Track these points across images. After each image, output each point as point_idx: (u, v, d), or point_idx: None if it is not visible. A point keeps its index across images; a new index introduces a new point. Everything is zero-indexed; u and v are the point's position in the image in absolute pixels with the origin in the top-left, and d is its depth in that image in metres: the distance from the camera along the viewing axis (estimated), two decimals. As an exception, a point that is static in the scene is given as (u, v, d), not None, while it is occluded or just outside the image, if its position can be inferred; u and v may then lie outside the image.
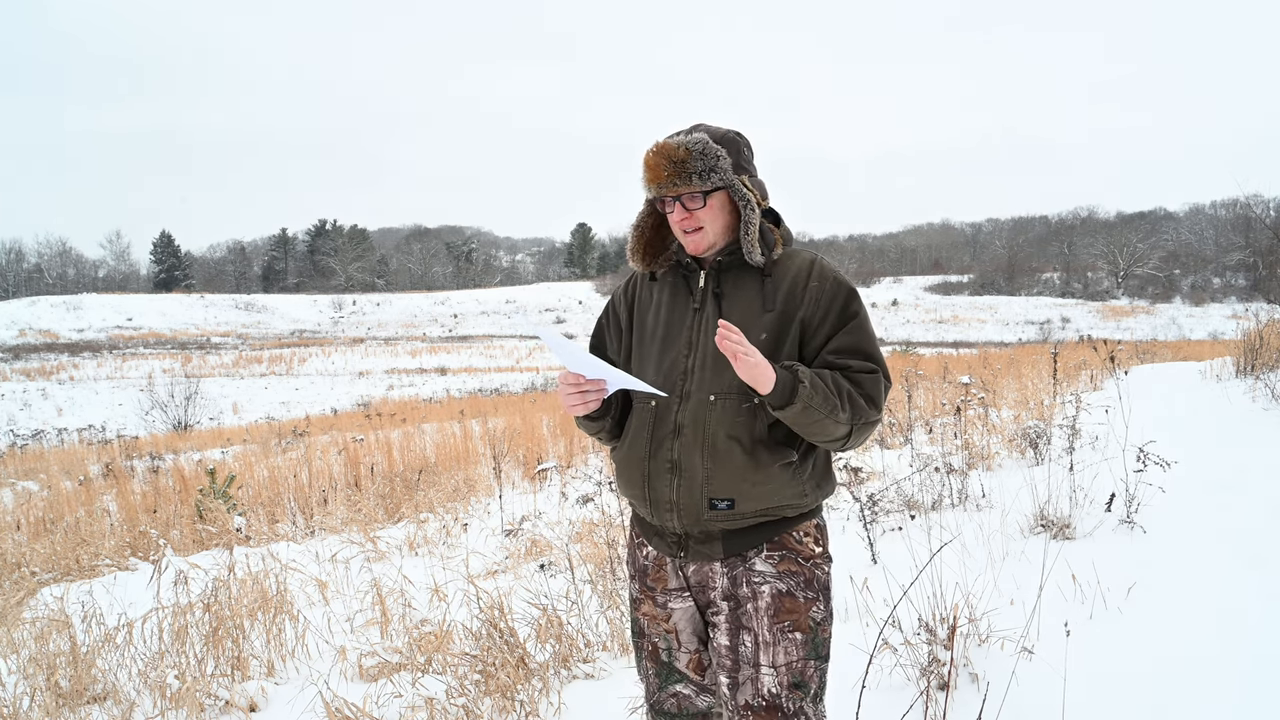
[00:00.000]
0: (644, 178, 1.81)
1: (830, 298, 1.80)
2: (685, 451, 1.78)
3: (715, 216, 1.81)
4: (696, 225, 1.81)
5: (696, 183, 1.76)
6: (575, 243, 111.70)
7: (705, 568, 1.84)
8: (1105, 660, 2.80)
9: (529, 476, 8.55)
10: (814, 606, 1.80)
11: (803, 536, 1.83)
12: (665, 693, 1.97)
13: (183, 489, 8.19)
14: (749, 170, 1.85)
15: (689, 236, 1.82)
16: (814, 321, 1.79)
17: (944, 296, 79.31)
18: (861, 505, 4.28)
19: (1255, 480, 4.53)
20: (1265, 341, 8.10)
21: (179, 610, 3.63)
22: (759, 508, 1.78)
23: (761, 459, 1.75)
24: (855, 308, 1.82)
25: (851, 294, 1.82)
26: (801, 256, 1.86)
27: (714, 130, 1.82)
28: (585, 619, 3.54)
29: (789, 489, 1.78)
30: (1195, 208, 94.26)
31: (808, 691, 1.78)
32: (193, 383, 26.43)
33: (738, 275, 1.85)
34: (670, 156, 1.76)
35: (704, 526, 1.80)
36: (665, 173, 1.76)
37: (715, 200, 1.80)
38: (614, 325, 2.04)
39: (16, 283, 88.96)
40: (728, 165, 1.77)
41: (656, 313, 1.92)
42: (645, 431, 1.85)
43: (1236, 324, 24.08)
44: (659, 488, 1.82)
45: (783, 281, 1.82)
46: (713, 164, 1.76)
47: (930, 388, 10.85)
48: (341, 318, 73.26)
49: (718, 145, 1.77)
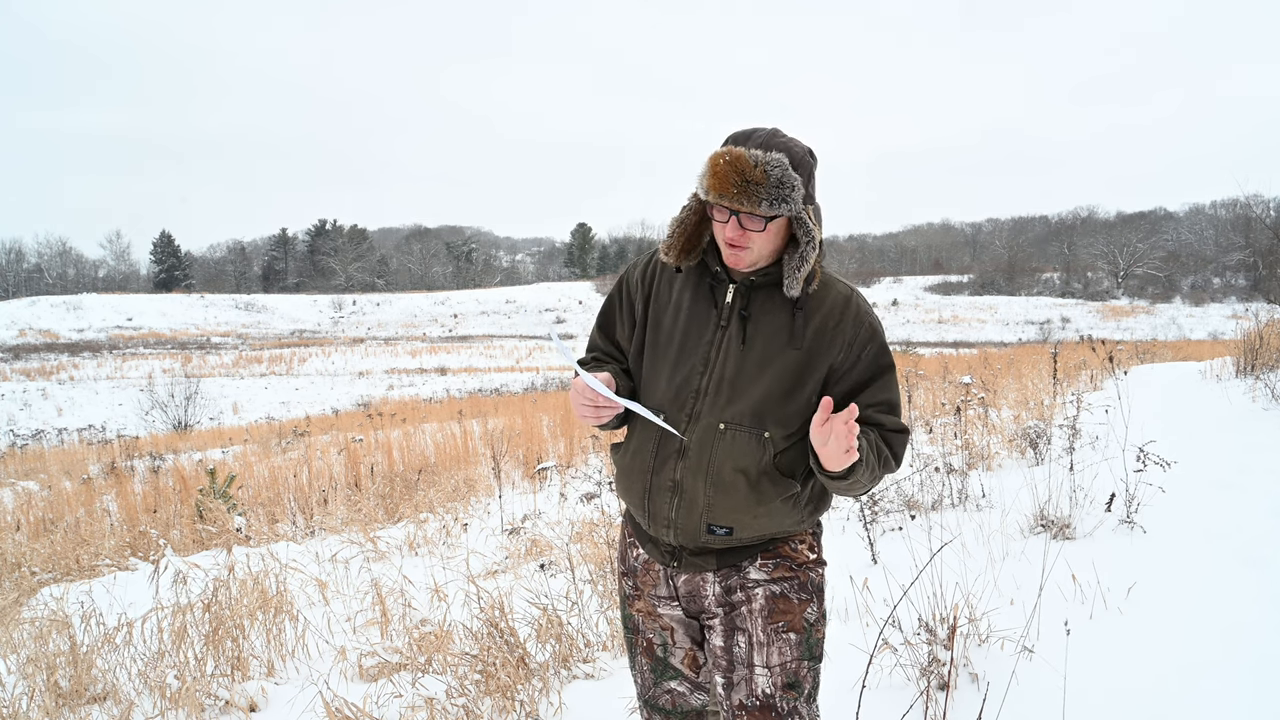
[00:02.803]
0: (705, 180, 1.65)
1: (863, 346, 1.74)
2: (688, 475, 1.74)
3: (769, 241, 1.70)
4: (746, 244, 1.69)
5: (765, 208, 1.61)
6: (575, 243, 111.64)
7: (697, 578, 1.83)
8: (1105, 660, 2.80)
9: (529, 476, 8.55)
10: (808, 608, 1.81)
11: (798, 544, 1.84)
12: (660, 689, 1.96)
13: (183, 489, 8.19)
14: (814, 199, 1.73)
15: (733, 251, 1.70)
16: (843, 368, 1.74)
17: (944, 296, 79.30)
18: (861, 505, 4.28)
19: (1255, 480, 4.54)
20: (1265, 341, 8.11)
21: (179, 610, 3.63)
22: (757, 535, 1.78)
23: (765, 492, 1.73)
24: (888, 359, 1.77)
25: (885, 345, 1.77)
26: (836, 291, 1.76)
27: (793, 151, 1.65)
28: (585, 619, 3.54)
29: (789, 517, 1.79)
30: (1195, 208, 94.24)
31: (801, 691, 1.79)
32: (193, 383, 26.43)
33: (768, 299, 1.74)
34: (744, 173, 1.60)
35: (699, 544, 1.79)
36: (734, 188, 1.61)
37: (774, 226, 1.68)
38: (627, 310, 1.93)
39: (16, 283, 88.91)
40: (800, 196, 1.63)
41: (675, 315, 1.82)
42: (650, 445, 1.80)
43: (1236, 324, 24.09)
44: (659, 504, 1.79)
45: (814, 316, 1.73)
46: (787, 194, 1.61)
47: (930, 388, 10.85)
48: (341, 318, 73.24)
49: (795, 173, 1.63)
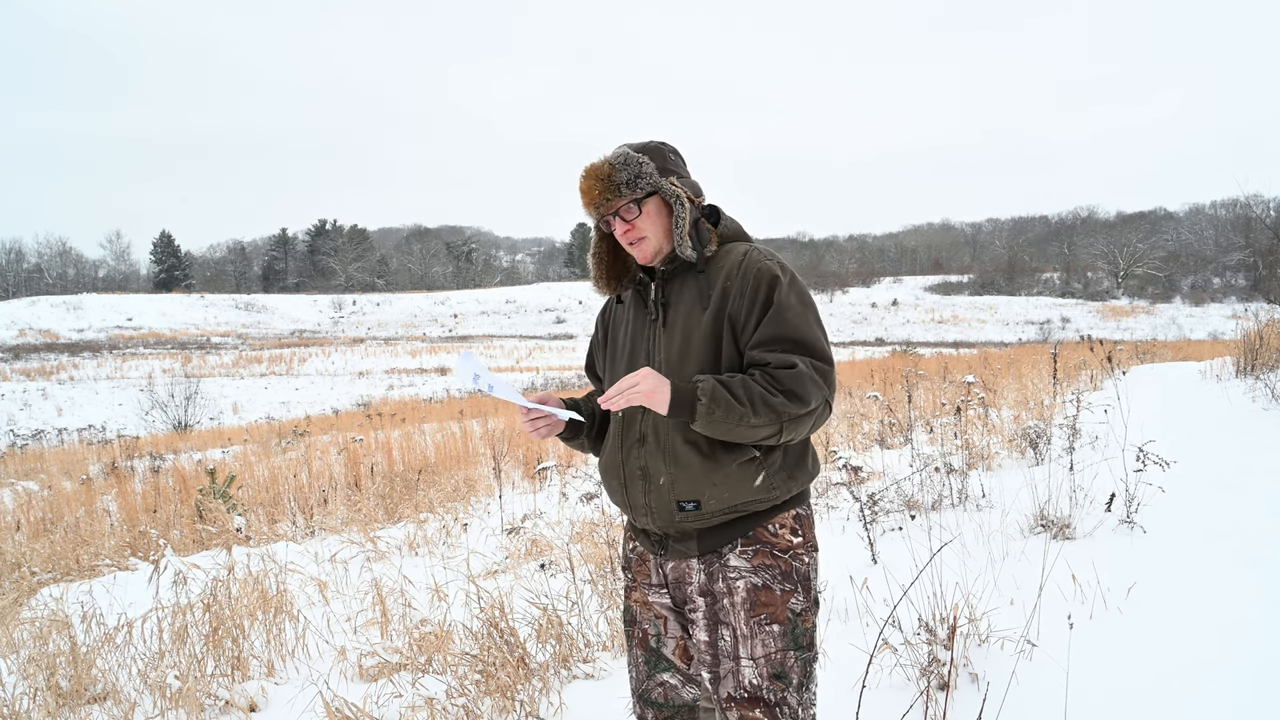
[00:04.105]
0: (582, 204, 1.87)
1: (753, 288, 1.78)
2: (650, 458, 1.85)
3: (654, 222, 1.85)
4: (639, 235, 1.85)
5: (626, 192, 1.82)
6: (575, 243, 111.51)
7: (683, 564, 1.89)
8: (1105, 660, 2.80)
9: (529, 476, 8.55)
10: (792, 598, 1.82)
11: (778, 529, 1.85)
12: (653, 681, 2.00)
13: (183, 489, 8.19)
14: (677, 172, 1.89)
15: (635, 248, 1.87)
16: (740, 316, 1.79)
17: (944, 296, 79.33)
18: (861, 505, 4.27)
19: (1255, 480, 4.54)
20: (1265, 341, 8.11)
21: (179, 610, 3.63)
22: (724, 506, 1.80)
23: (720, 459, 1.78)
24: (775, 294, 1.76)
25: (774, 280, 1.77)
26: (736, 249, 1.87)
27: (634, 144, 1.89)
28: (585, 619, 3.54)
29: (752, 484, 1.79)
30: (1195, 208, 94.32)
31: (789, 682, 1.80)
32: (193, 383, 26.44)
33: (682, 280, 1.88)
34: (597, 175, 1.82)
35: (678, 527, 1.85)
36: (597, 191, 1.83)
37: (650, 206, 1.85)
38: (599, 346, 2.13)
39: (16, 283, 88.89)
40: (652, 169, 1.83)
41: (624, 330, 1.99)
42: (617, 440, 1.92)
43: (1236, 324, 24.08)
44: (634, 493, 1.89)
45: (717, 277, 1.84)
46: (636, 171, 1.81)
47: (930, 388, 10.85)
48: (341, 318, 73.22)
49: (639, 154, 1.84)
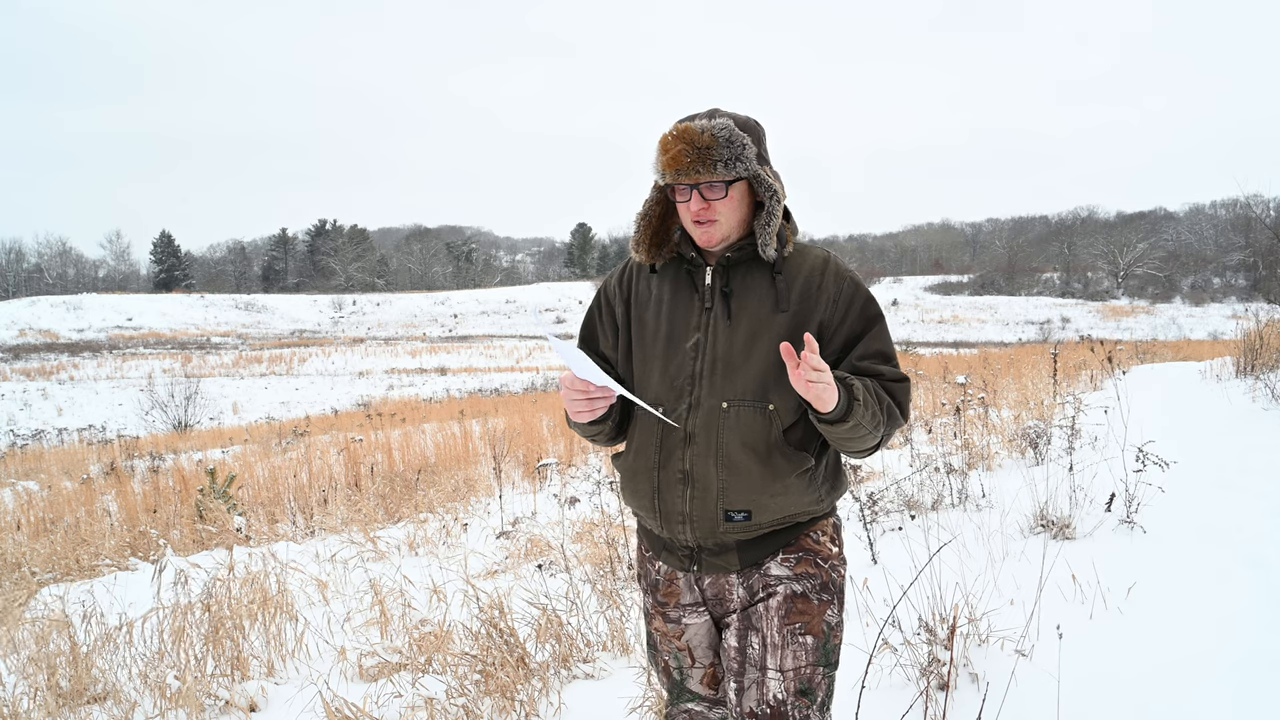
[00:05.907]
0: (660, 162, 1.66)
1: (849, 299, 1.72)
2: (698, 461, 1.68)
3: (734, 209, 1.69)
4: (713, 217, 1.68)
5: (721, 171, 1.62)
6: (575, 243, 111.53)
7: (721, 580, 1.76)
8: (1105, 660, 2.80)
9: (529, 476, 8.55)
10: (828, 610, 1.72)
11: (820, 536, 1.76)
12: (677, 709, 1.94)
13: (183, 489, 8.19)
14: (769, 161, 1.74)
15: (701, 228, 1.69)
16: (833, 324, 1.71)
17: (944, 296, 79.28)
18: (861, 505, 4.28)
19: (1255, 480, 4.54)
20: (1265, 341, 8.11)
21: (179, 610, 3.63)
22: (777, 517, 1.70)
23: (779, 468, 1.67)
24: (876, 309, 1.74)
25: (870, 296, 1.74)
26: (814, 254, 1.76)
27: (737, 117, 1.69)
28: (585, 619, 3.54)
29: (806, 495, 1.71)
30: (1195, 208, 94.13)
31: (814, 699, 1.69)
32: (193, 383, 26.47)
33: (747, 272, 1.73)
34: (693, 142, 1.62)
35: (719, 539, 1.71)
36: (687, 159, 1.62)
37: (736, 191, 1.68)
38: (608, 319, 1.90)
39: (16, 283, 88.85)
40: (753, 154, 1.65)
41: (658, 310, 1.80)
42: (654, 440, 1.74)
43: (1236, 324, 24.05)
44: (670, 499, 1.72)
45: (795, 280, 1.71)
46: (739, 152, 1.63)
47: (930, 388, 10.85)
48: (341, 318, 73.24)
49: (743, 132, 1.65)
